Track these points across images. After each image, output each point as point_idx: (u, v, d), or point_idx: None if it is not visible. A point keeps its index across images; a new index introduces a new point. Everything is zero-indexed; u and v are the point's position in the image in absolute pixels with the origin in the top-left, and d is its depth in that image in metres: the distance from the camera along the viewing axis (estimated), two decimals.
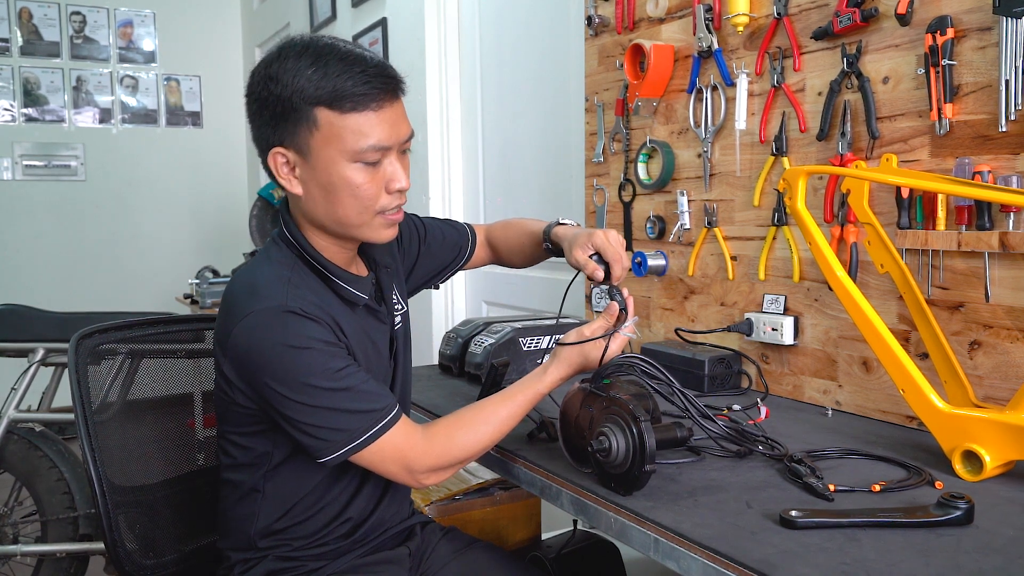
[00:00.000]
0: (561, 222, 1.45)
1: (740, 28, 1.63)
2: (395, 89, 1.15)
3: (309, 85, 1.09)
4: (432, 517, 1.88)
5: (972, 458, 1.11)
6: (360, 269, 1.31)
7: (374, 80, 1.11)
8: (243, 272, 1.22)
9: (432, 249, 1.52)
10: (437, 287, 1.59)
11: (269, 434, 1.21)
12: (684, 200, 1.81)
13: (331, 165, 1.13)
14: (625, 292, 1.24)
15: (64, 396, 2.39)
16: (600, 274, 1.26)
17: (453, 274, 1.58)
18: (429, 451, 1.15)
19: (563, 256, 1.39)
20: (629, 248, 1.98)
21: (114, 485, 1.38)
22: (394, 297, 1.37)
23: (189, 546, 1.47)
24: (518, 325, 1.76)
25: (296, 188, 1.17)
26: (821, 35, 1.49)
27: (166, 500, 1.48)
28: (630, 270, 1.91)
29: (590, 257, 1.27)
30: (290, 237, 1.22)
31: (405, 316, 1.40)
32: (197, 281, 3.48)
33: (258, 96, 1.14)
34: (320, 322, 1.14)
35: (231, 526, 1.30)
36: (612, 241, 1.27)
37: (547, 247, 1.46)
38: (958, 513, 0.94)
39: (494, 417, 1.18)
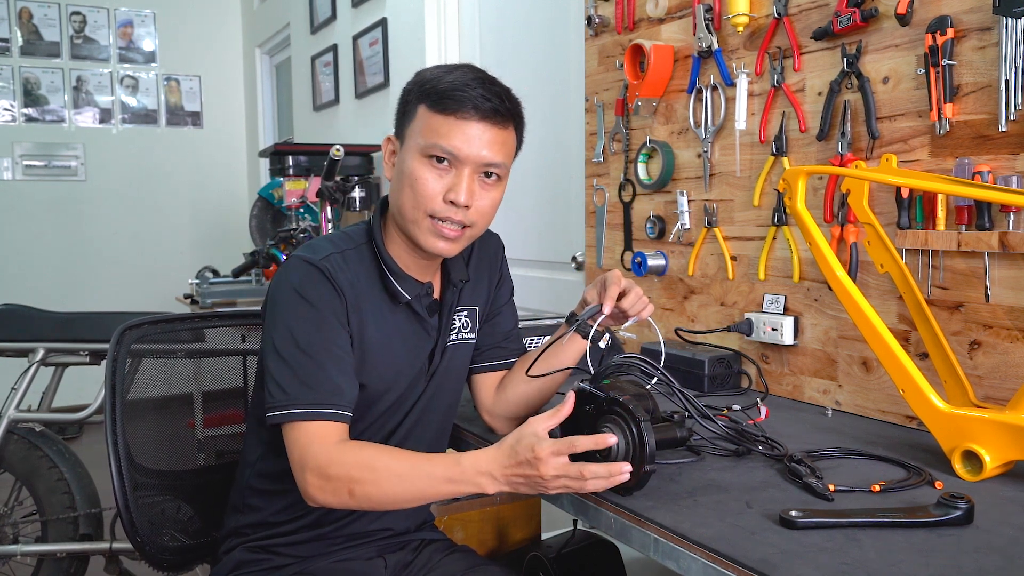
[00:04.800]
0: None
1: (740, 28, 1.63)
2: (490, 113, 1.17)
3: (427, 83, 1.19)
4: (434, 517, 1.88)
5: (972, 458, 1.11)
6: (425, 277, 1.30)
7: (475, 95, 1.16)
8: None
9: (494, 321, 1.43)
10: None
11: None
12: (684, 200, 1.81)
13: (408, 154, 1.20)
14: (606, 309, 1.24)
15: (64, 396, 2.40)
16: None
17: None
18: (329, 454, 1.10)
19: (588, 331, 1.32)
20: (629, 248, 1.98)
21: (136, 465, 1.45)
22: (457, 321, 1.35)
23: (203, 538, 1.53)
24: (519, 325, 1.75)
25: (389, 172, 1.26)
26: (821, 35, 1.49)
27: (183, 488, 1.55)
28: (630, 270, 1.92)
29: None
30: (370, 222, 1.29)
31: (464, 344, 1.37)
32: (197, 281, 3.47)
33: (404, 89, 1.25)
34: (339, 293, 1.18)
35: (237, 480, 1.37)
36: (614, 277, 1.27)
37: (577, 327, 1.30)
38: (958, 513, 0.94)
39: (409, 471, 1.08)
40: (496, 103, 1.17)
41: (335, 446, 1.11)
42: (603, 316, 1.25)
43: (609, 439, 1.01)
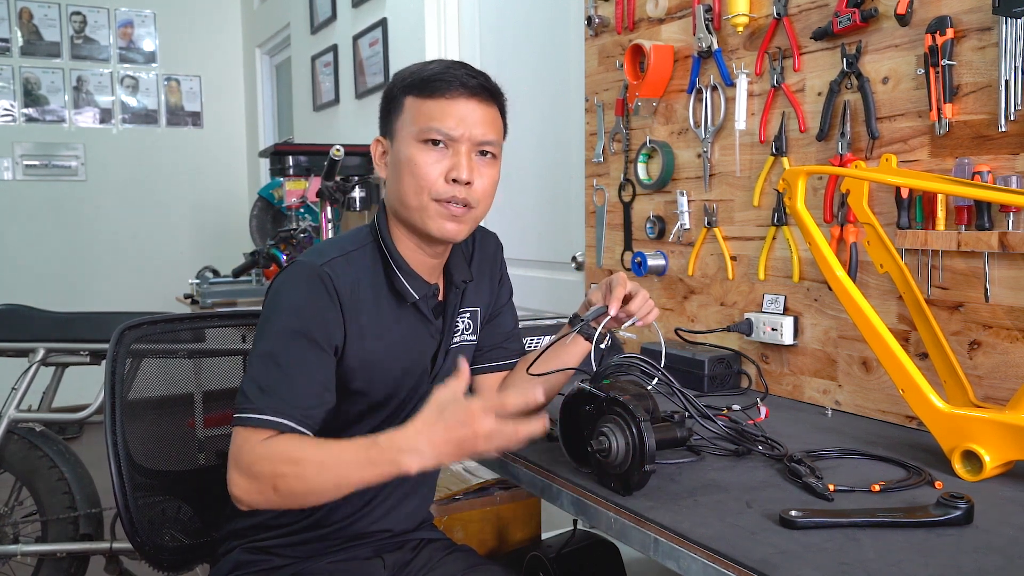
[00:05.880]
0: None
1: (740, 28, 1.63)
2: (478, 90, 1.20)
3: (409, 76, 1.22)
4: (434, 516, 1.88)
5: (972, 458, 1.11)
6: (432, 278, 1.30)
7: (458, 74, 1.19)
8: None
9: (495, 322, 1.44)
10: None
11: None
12: (684, 200, 1.81)
13: (402, 144, 1.21)
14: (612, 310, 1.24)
15: (64, 396, 2.40)
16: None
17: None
18: (254, 451, 1.07)
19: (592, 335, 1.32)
20: (629, 248, 1.98)
21: (136, 465, 1.45)
22: (460, 323, 1.35)
23: (203, 538, 1.53)
24: (519, 325, 1.76)
25: (383, 172, 1.27)
26: (821, 35, 1.49)
27: (183, 488, 1.54)
28: (630, 269, 1.92)
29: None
30: (375, 222, 1.29)
31: (466, 346, 1.37)
32: (197, 281, 3.47)
33: (383, 93, 1.27)
34: (336, 303, 1.17)
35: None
36: (620, 279, 1.26)
37: (580, 327, 1.30)
38: (958, 513, 0.94)
39: (328, 459, 1.06)
40: (481, 80, 1.21)
41: (261, 443, 1.08)
42: (608, 318, 1.25)
43: (538, 394, 1.05)
